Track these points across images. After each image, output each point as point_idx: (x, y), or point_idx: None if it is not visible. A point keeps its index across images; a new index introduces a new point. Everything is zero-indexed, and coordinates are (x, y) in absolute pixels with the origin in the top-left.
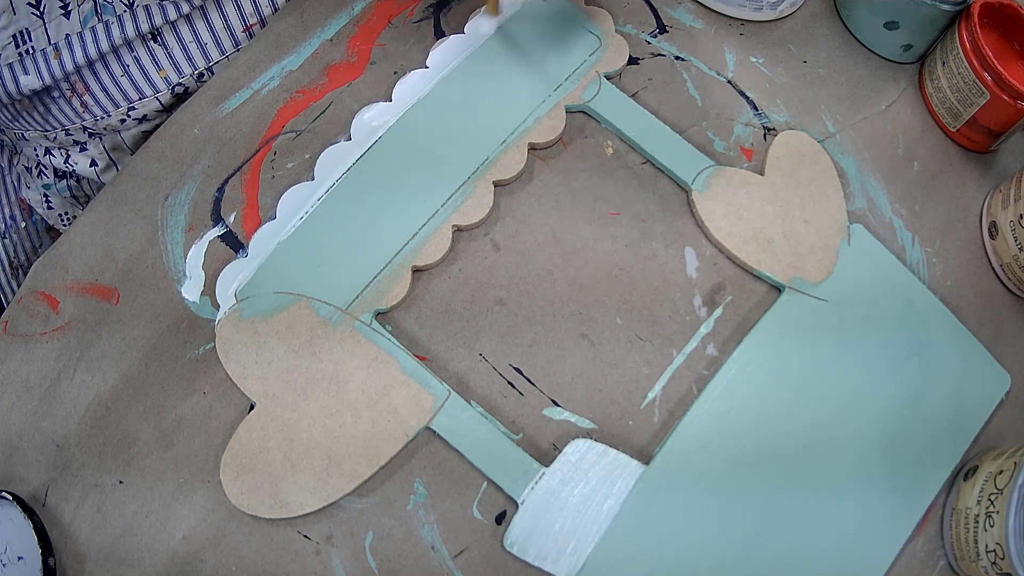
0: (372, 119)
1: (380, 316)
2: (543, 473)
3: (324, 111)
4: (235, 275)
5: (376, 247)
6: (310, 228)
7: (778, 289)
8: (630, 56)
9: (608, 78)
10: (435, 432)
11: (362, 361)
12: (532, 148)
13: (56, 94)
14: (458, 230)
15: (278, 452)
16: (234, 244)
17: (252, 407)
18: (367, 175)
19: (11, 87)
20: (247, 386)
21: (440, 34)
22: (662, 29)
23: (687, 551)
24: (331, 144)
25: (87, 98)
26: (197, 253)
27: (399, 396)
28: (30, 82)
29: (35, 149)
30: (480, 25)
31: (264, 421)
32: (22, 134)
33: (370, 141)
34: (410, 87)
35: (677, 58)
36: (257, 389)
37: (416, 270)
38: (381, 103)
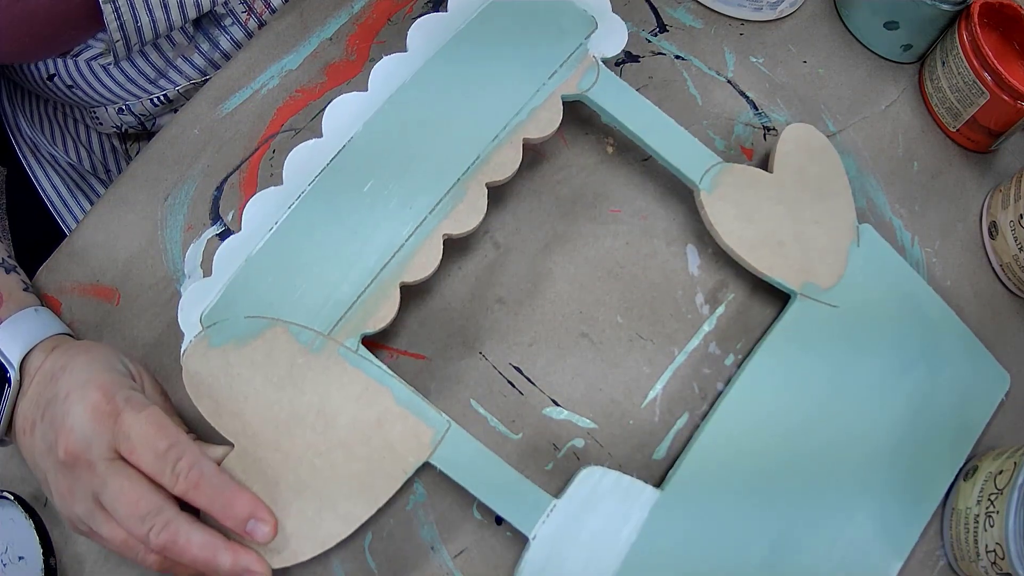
0: (345, 112)
1: (366, 339)
2: (555, 505)
3: (323, 110)
4: (199, 297)
5: (358, 261)
6: (282, 241)
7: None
8: (630, 53)
9: (606, 62)
10: (436, 468)
11: (351, 392)
12: (528, 143)
13: (228, 21)
14: (449, 239)
15: (264, 497)
16: None
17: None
18: (343, 177)
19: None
20: (222, 424)
21: None
22: (662, 28)
23: (704, 574)
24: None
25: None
26: (196, 252)
27: (394, 430)
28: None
29: (108, 110)
30: None
31: (244, 464)
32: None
33: (344, 138)
34: (388, 74)
35: (677, 57)
36: (234, 428)
37: (404, 287)
38: (355, 93)
